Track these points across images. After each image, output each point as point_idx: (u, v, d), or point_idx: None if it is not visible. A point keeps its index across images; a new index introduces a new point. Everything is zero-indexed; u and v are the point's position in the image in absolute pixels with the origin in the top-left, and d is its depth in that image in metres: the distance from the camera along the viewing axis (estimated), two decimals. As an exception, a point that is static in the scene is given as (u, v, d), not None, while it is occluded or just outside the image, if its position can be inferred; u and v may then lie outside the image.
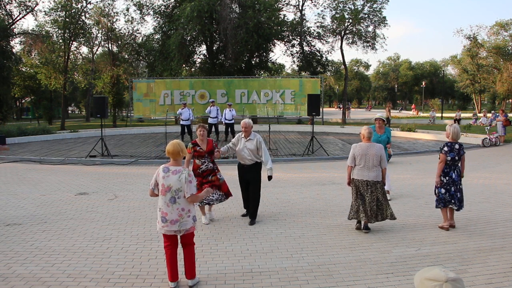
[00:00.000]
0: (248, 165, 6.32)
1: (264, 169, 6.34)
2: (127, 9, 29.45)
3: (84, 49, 35.63)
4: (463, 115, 34.34)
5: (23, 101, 49.84)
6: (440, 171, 5.94)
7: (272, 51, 37.20)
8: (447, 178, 5.89)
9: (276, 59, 39.98)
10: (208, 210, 6.53)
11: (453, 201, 5.86)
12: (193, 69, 31.48)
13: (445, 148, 5.87)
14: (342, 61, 34.21)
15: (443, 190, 5.90)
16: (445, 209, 5.94)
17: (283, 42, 30.95)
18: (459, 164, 5.95)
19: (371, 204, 5.68)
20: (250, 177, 6.35)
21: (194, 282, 4.25)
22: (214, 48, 28.33)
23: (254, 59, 29.24)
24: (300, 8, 30.83)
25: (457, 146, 5.88)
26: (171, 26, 26.16)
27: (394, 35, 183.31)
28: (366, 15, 30.24)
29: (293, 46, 31.16)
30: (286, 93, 22.15)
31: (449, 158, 5.84)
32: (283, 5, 30.01)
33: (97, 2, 27.50)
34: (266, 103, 22.03)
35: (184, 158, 5.60)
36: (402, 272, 4.52)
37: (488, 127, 18.07)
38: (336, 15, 30.10)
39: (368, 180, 5.71)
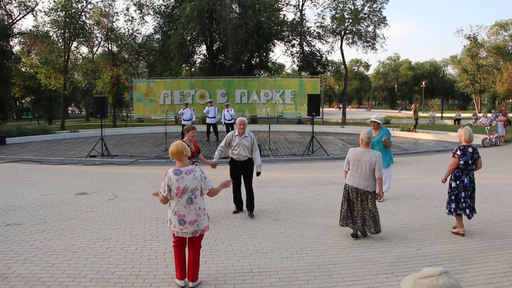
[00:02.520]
0: (242, 161, 6.58)
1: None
2: (127, 9, 29.58)
3: (84, 49, 35.65)
4: (463, 115, 34.32)
5: (23, 101, 49.84)
6: (448, 174, 5.73)
7: (272, 51, 37.27)
8: (457, 182, 5.67)
9: (276, 59, 40.05)
10: None
11: (461, 206, 5.62)
12: (193, 69, 31.48)
13: (458, 152, 5.64)
14: (342, 61, 34.24)
15: (453, 197, 5.69)
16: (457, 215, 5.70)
17: (283, 42, 30.97)
18: (473, 169, 5.71)
19: (361, 212, 5.43)
20: (245, 172, 6.63)
21: (195, 284, 4.23)
22: (214, 48, 28.34)
23: (254, 59, 29.25)
24: (300, 8, 30.87)
25: (470, 150, 5.66)
26: (171, 26, 26.17)
27: (394, 35, 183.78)
28: (366, 15, 30.26)
29: (293, 46, 31.19)
30: (286, 93, 22.15)
31: (461, 162, 5.62)
32: (283, 5, 30.05)
33: (97, 2, 27.54)
34: (266, 103, 22.01)
35: (189, 158, 5.57)
36: (402, 272, 4.52)
37: (488, 127, 18.08)
38: (336, 15, 30.12)
39: (358, 188, 5.41)
